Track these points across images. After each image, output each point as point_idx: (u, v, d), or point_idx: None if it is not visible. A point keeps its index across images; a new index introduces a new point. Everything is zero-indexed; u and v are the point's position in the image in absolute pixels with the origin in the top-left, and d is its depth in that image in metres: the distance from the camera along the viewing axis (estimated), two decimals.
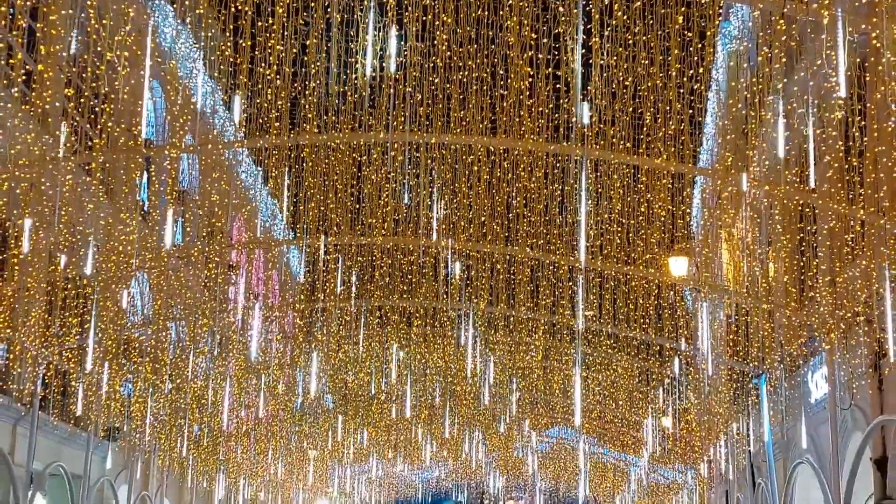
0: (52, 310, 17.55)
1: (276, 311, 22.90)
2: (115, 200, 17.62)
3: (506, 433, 30.74)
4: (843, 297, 14.34)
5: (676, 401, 22.78)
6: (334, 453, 31.97)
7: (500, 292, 19.86)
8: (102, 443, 23.00)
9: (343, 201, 17.07)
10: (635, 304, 19.34)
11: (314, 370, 21.25)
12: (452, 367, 24.40)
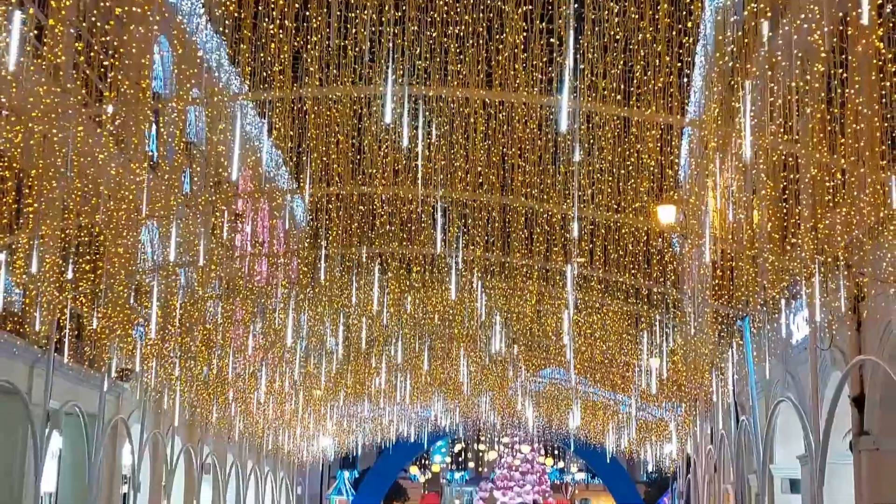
0: (66, 257, 17.57)
1: (281, 257, 22.92)
2: (125, 151, 17.59)
3: (501, 374, 30.87)
4: (823, 242, 14.38)
5: (664, 342, 22.86)
6: (337, 394, 32.15)
7: (496, 239, 19.90)
8: (116, 384, 23.14)
9: (344, 152, 17.04)
10: (625, 250, 19.37)
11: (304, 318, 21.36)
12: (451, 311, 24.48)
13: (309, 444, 41.88)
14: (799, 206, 15.69)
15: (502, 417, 41.35)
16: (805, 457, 16.82)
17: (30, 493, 19.53)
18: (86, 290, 18.83)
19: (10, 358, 18.99)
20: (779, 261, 16.43)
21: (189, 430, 29.29)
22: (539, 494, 76.79)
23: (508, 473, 77.33)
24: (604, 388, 32.56)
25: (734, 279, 18.54)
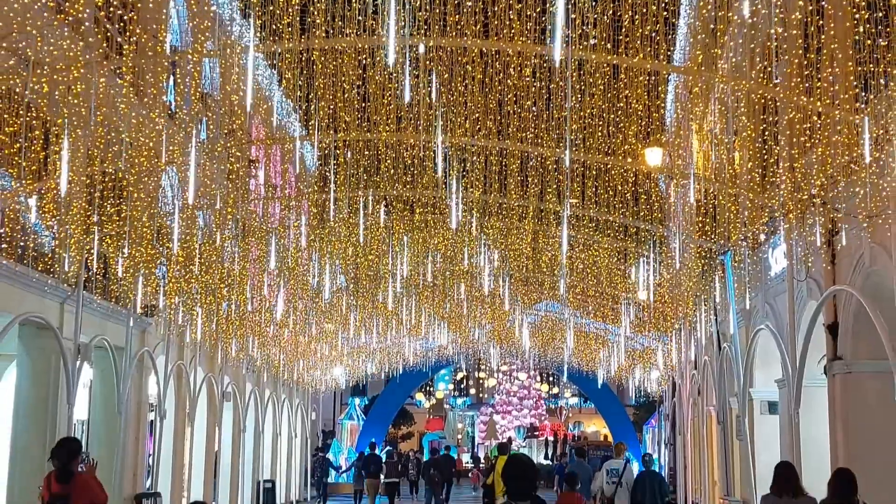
0: (92, 201, 17.52)
1: (293, 200, 22.86)
2: (145, 102, 17.46)
3: (499, 307, 30.94)
4: (800, 181, 14.32)
5: (651, 276, 22.86)
6: (347, 327, 32.25)
7: (493, 182, 19.83)
8: (141, 318, 23.19)
9: (350, 100, 16.91)
10: (615, 190, 19.30)
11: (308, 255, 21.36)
12: (451, 250, 24.48)
13: (322, 373, 42.08)
14: (777, 147, 15.60)
15: (501, 348, 41.52)
16: (782, 381, 16.87)
17: (63, 420, 19.64)
18: (111, 232, 18.80)
19: (42, 296, 19.02)
20: (758, 198, 16.37)
21: (210, 361, 29.41)
22: (535, 418, 77.39)
23: (507, 399, 77.88)
24: (595, 320, 32.64)
25: (717, 216, 18.49)
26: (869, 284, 13.66)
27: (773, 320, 17.63)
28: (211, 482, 29.39)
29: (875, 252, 13.25)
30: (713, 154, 17.05)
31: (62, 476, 10.67)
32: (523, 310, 32.00)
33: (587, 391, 57.30)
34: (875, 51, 11.66)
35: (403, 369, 46.02)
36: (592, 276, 25.58)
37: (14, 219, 17.34)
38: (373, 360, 42.64)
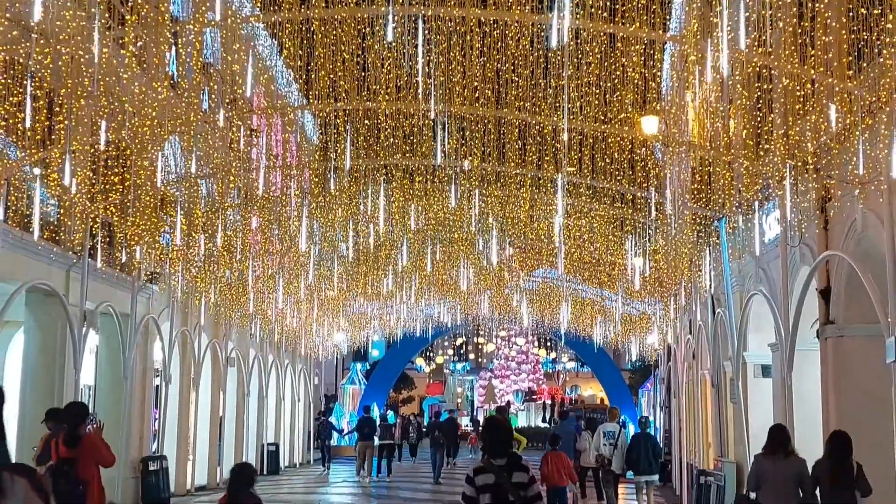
0: (96, 170, 17.48)
1: (294, 168, 22.79)
2: (148, 71, 17.38)
3: (497, 274, 30.95)
4: (794, 148, 14.28)
5: (647, 243, 22.85)
6: (348, 293, 32.27)
7: (491, 150, 19.75)
8: (146, 285, 23.21)
9: (350, 70, 16.82)
10: (611, 158, 19.24)
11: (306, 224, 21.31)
12: (451, 217, 24.44)
13: (324, 339, 42.15)
14: (772, 115, 15.56)
15: (499, 313, 41.55)
16: (776, 344, 16.90)
17: (70, 385, 19.72)
18: (115, 201, 18.77)
19: (48, 263, 19.04)
20: (753, 166, 16.33)
21: (214, 327, 29.47)
22: (533, 382, 77.67)
23: (505, 364, 78.16)
24: (592, 286, 32.65)
25: (711, 183, 18.45)
26: (861, 250, 13.66)
27: (766, 285, 17.64)
28: (216, 446, 29.53)
29: (867, 218, 13.24)
30: (708, 122, 16.99)
31: (69, 440, 10.70)
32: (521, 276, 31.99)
33: (584, 356, 57.45)
34: (868, 18, 11.60)
35: (404, 335, 46.11)
36: (589, 242, 25.55)
37: (20, 188, 17.32)
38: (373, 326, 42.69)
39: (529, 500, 8.03)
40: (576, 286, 33.22)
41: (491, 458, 8.14)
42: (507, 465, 8.10)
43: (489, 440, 8.36)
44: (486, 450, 8.33)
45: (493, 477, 8.02)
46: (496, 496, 7.94)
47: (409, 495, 26.37)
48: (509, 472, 8.05)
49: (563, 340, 52.13)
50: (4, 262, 16.77)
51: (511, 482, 8.00)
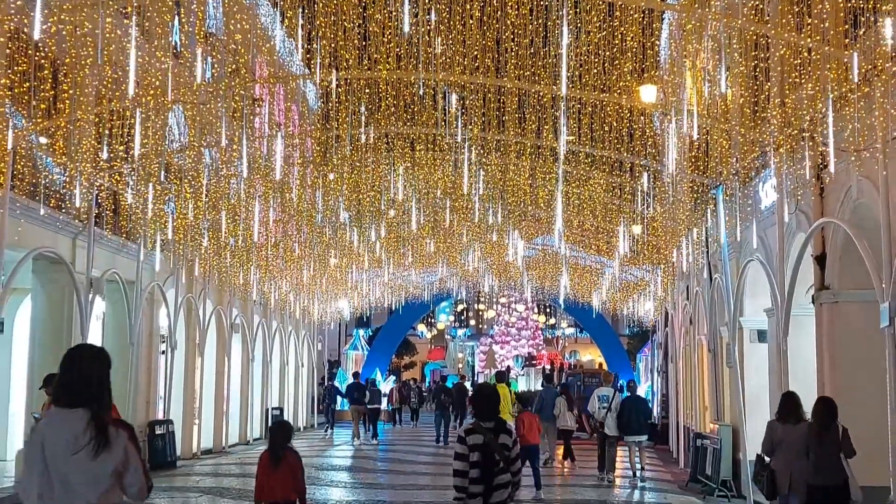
0: (101, 139, 17.44)
1: (296, 137, 22.74)
2: (150, 41, 17.30)
3: (497, 241, 30.95)
4: (791, 116, 14.24)
5: (645, 210, 22.84)
6: (351, 260, 32.29)
7: (491, 119, 19.69)
8: (151, 253, 23.20)
9: (351, 39, 16.73)
10: (610, 127, 19.18)
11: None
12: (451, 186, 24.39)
13: (327, 305, 42.22)
14: (768, 83, 15.49)
15: (499, 280, 41.60)
16: (771, 310, 16.92)
17: None
18: (120, 169, 18.74)
19: (54, 231, 19.06)
20: (750, 134, 16.28)
21: (218, 294, 29.51)
22: (533, 348, 77.86)
23: (506, 329, 78.31)
24: (590, 253, 32.66)
25: (709, 151, 18.40)
26: (856, 216, 13.65)
27: (762, 252, 17.64)
28: (221, 410, 29.64)
29: (862, 185, 13.22)
30: (706, 90, 16.90)
31: None
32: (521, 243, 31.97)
33: (583, 322, 57.54)
34: None
35: (406, 301, 46.18)
36: (588, 210, 25.53)
37: (26, 157, 17.29)
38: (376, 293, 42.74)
39: (512, 460, 8.94)
40: (575, 253, 33.22)
41: (480, 422, 9.06)
42: (494, 428, 8.99)
43: (480, 405, 9.26)
44: (477, 414, 9.23)
45: (482, 438, 8.89)
46: (484, 455, 8.83)
47: (412, 458, 26.51)
48: (496, 434, 8.94)
49: (562, 307, 52.19)
50: (11, 230, 16.76)
51: (497, 443, 8.90)
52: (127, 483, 5.55)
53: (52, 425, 5.51)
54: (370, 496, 18.79)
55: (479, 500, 8.81)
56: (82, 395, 5.54)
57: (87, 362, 5.73)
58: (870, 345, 13.92)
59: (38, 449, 5.45)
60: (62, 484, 5.39)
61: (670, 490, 20.60)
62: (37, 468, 5.43)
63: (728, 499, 18.80)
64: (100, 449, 5.42)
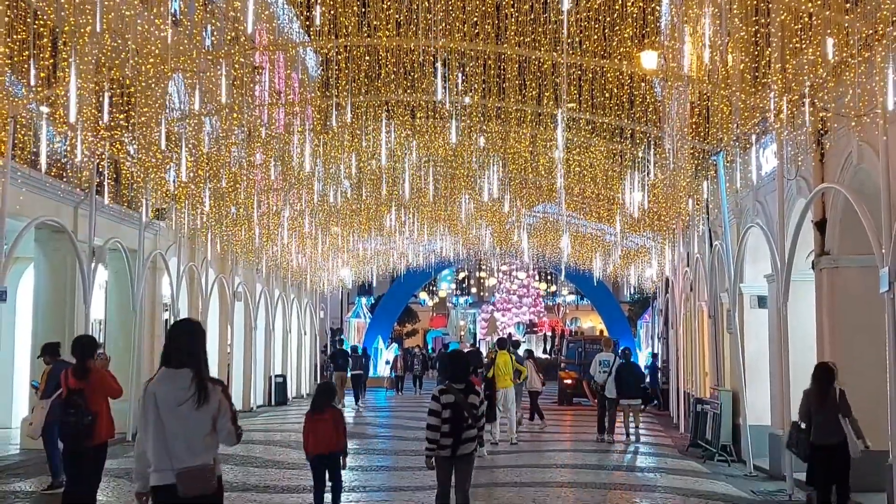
0: (102, 107, 17.37)
1: (296, 105, 22.65)
2: (150, 9, 17.20)
3: (498, 209, 30.89)
4: (791, 82, 14.16)
5: (645, 177, 22.77)
6: (353, 229, 32.25)
7: (491, 86, 19.59)
8: (153, 222, 23.20)
9: (351, 6, 16.62)
10: (611, 93, 19.09)
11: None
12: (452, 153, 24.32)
13: (329, 274, 42.22)
14: (769, 49, 15.39)
15: (501, 248, 41.56)
16: (772, 276, 16.91)
17: (81, 319, 19.80)
18: (121, 138, 18.68)
19: (56, 200, 19.03)
20: (750, 99, 16.20)
21: (221, 262, 29.52)
22: (534, 315, 78.01)
23: (507, 297, 78.40)
24: (591, 220, 32.59)
25: (710, 117, 18.33)
26: (856, 182, 13.62)
27: (763, 218, 17.60)
28: (224, 377, 29.71)
29: (863, 150, 13.18)
30: (707, 56, 16.81)
31: (79, 372, 10.76)
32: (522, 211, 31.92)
33: (584, 289, 57.55)
34: None
35: (407, 269, 46.17)
36: (589, 177, 25.45)
37: (27, 125, 17.23)
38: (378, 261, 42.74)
39: (478, 417, 10.39)
40: (576, 220, 33.16)
41: (452, 383, 10.39)
42: (464, 389, 10.35)
43: (452, 369, 10.61)
44: (449, 377, 10.57)
45: (453, 397, 10.26)
46: (454, 412, 10.22)
47: (413, 424, 26.58)
48: (465, 395, 10.32)
49: (563, 274, 52.19)
50: (13, 199, 16.74)
51: (467, 402, 10.29)
52: (218, 428, 6.74)
53: (163, 382, 6.75)
54: (372, 461, 18.87)
55: (449, 451, 10.20)
56: (187, 359, 6.75)
57: (190, 334, 6.96)
58: (870, 310, 13.93)
59: (151, 401, 6.69)
60: (171, 430, 6.62)
61: (670, 455, 20.68)
62: (151, 417, 6.67)
63: (728, 463, 18.88)
64: (201, 401, 6.65)
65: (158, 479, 6.65)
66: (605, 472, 17.69)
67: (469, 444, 10.32)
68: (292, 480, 15.92)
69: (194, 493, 6.57)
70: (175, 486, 6.57)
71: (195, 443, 6.63)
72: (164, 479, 6.62)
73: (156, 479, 6.66)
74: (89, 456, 10.64)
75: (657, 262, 33.40)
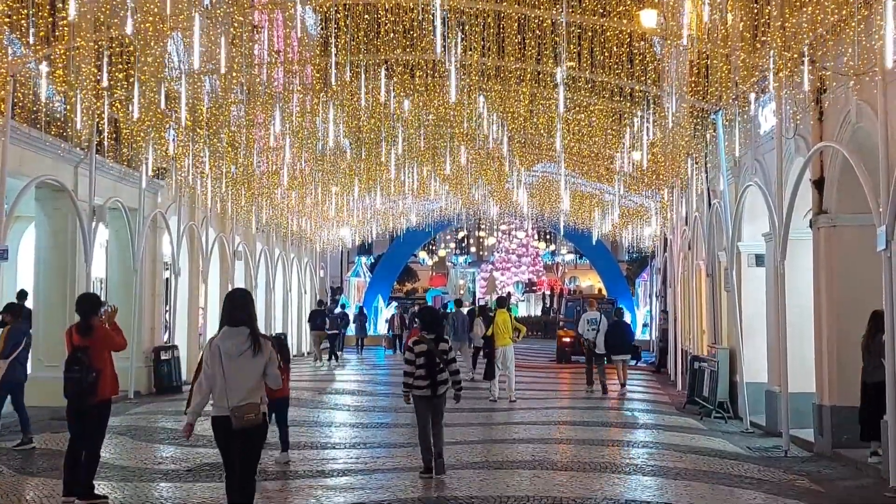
0: (101, 66, 17.31)
1: (296, 64, 22.55)
2: None
3: (498, 168, 30.86)
4: (790, 40, 14.12)
5: (645, 136, 22.73)
6: (352, 189, 32.21)
7: (491, 45, 19.51)
8: (153, 181, 23.19)
9: None
10: (610, 52, 19.02)
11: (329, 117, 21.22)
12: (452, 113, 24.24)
13: (329, 233, 42.25)
14: (768, 7, 15.33)
15: (500, 207, 41.56)
16: (769, 234, 16.95)
17: (83, 278, 19.87)
18: (121, 97, 18.63)
19: (56, 159, 19.02)
20: (749, 58, 16.16)
21: (221, 221, 29.54)
22: (533, 274, 78.13)
23: (506, 256, 78.50)
24: (590, 179, 32.58)
25: (709, 76, 18.27)
26: (855, 140, 13.61)
27: (761, 176, 17.61)
28: None
29: (861, 108, 13.16)
30: (706, 14, 16.72)
31: (83, 329, 10.81)
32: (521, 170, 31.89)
33: (582, 248, 57.63)
34: None
35: (407, 228, 46.21)
36: (588, 136, 25.41)
37: (26, 84, 17.19)
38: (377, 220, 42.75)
39: (448, 361, 12.40)
40: (575, 180, 33.15)
41: (425, 334, 12.37)
42: (435, 339, 12.35)
43: (424, 321, 12.72)
44: (422, 327, 12.57)
45: (426, 346, 12.28)
46: (428, 358, 12.24)
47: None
48: (436, 343, 12.32)
49: (562, 233, 52.25)
50: (13, 158, 16.74)
51: (438, 350, 12.28)
52: (267, 373, 8.46)
53: (225, 338, 8.46)
54: (372, 419, 19.02)
55: (428, 391, 12.22)
56: (243, 319, 8.49)
57: (244, 299, 8.73)
58: (866, 267, 13.97)
59: (217, 352, 8.40)
60: (230, 374, 8.34)
61: (668, 412, 20.84)
62: (216, 365, 8.36)
63: (724, 420, 19.02)
64: (256, 351, 8.40)
65: (217, 412, 8.44)
66: (603, 428, 17.83)
67: (443, 384, 12.32)
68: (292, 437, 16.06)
69: (244, 425, 8.33)
70: (229, 418, 8.32)
71: (247, 386, 8.36)
72: (221, 413, 8.39)
73: (215, 412, 8.46)
74: (93, 413, 10.72)
75: (656, 221, 33.43)
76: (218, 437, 8.57)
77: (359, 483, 12.11)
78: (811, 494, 11.65)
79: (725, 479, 12.56)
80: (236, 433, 8.36)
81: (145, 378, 23.14)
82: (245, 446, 8.49)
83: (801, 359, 15.86)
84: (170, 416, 18.78)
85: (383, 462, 13.79)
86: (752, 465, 13.72)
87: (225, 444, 8.52)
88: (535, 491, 11.39)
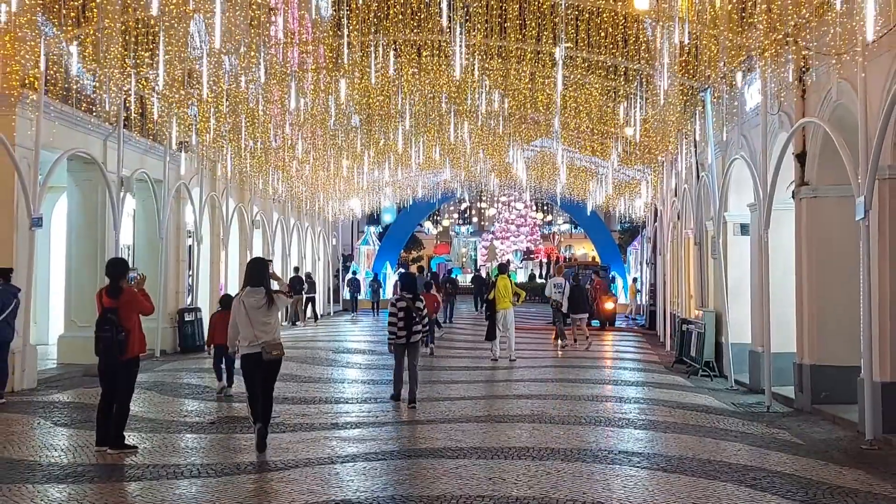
0: (128, 45, 17.26)
1: (310, 44, 22.44)
2: None
3: (498, 143, 30.77)
4: (775, 21, 14.03)
5: (637, 112, 22.64)
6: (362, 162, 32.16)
7: (493, 26, 19.41)
8: (177, 153, 23.16)
9: None
10: (605, 33, 18.92)
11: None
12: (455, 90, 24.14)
13: (341, 204, 42.21)
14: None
15: (500, 180, 41.47)
16: (754, 205, 16.93)
17: (111, 244, 19.90)
18: (146, 75, 18.57)
19: (86, 133, 19.00)
20: (737, 38, 16.06)
21: (240, 192, 29.52)
22: (531, 243, 78.11)
23: (506, 226, 78.44)
24: (585, 154, 32.47)
25: (698, 56, 18.18)
26: (835, 116, 13.56)
27: (747, 151, 17.56)
28: None
29: (842, 87, 13.10)
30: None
31: (112, 291, 10.84)
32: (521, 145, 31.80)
33: (577, 218, 57.50)
34: None
35: (413, 200, 46.14)
36: (584, 113, 25.31)
37: (58, 63, 17.13)
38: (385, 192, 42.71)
39: (424, 315, 14.86)
40: (571, 154, 33.05)
41: (405, 293, 14.56)
42: (412, 298, 14.49)
43: (403, 283, 15.12)
44: (402, 288, 14.95)
45: (405, 303, 14.42)
46: (406, 313, 14.42)
47: None
48: (413, 301, 14.47)
49: (558, 205, 52.14)
50: (47, 132, 16.72)
51: (414, 306, 14.42)
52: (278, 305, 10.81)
53: (248, 295, 10.70)
54: (383, 375, 19.07)
55: (404, 339, 14.43)
56: (261, 281, 10.79)
57: (262, 266, 11.07)
58: (845, 236, 13.98)
59: (242, 306, 10.65)
60: (255, 322, 10.60)
61: (657, 370, 20.88)
62: (241, 316, 10.65)
63: (710, 378, 19.07)
64: (270, 305, 10.69)
65: (248, 349, 10.61)
66: (597, 385, 17.88)
67: (416, 335, 14.59)
68: (309, 392, 16.14)
69: (272, 357, 10.58)
70: (258, 353, 10.53)
71: (269, 328, 10.63)
72: (252, 349, 10.59)
73: (245, 350, 10.63)
74: (122, 369, 10.78)
75: (647, 192, 33.36)
76: (245, 370, 10.71)
77: (370, 435, 12.17)
78: (792, 446, 11.69)
79: (711, 432, 12.60)
80: (263, 364, 10.55)
81: (171, 338, 23.25)
82: (267, 374, 10.69)
83: (782, 321, 15.89)
84: (193, 372, 18.86)
85: (393, 416, 13.84)
86: (736, 420, 13.76)
87: (251, 374, 10.68)
88: (534, 442, 11.44)
